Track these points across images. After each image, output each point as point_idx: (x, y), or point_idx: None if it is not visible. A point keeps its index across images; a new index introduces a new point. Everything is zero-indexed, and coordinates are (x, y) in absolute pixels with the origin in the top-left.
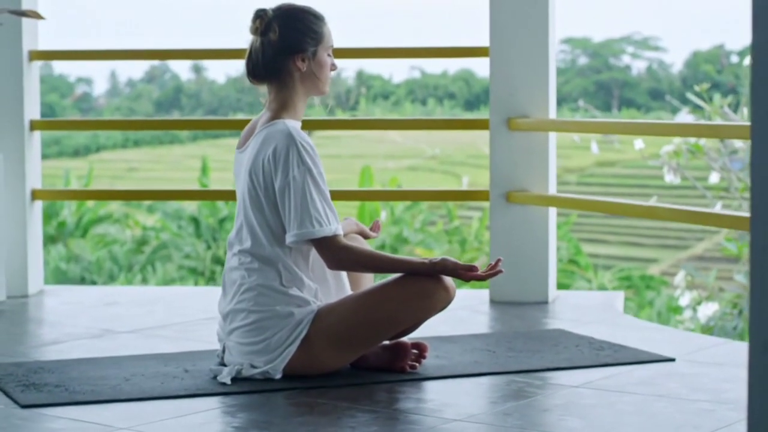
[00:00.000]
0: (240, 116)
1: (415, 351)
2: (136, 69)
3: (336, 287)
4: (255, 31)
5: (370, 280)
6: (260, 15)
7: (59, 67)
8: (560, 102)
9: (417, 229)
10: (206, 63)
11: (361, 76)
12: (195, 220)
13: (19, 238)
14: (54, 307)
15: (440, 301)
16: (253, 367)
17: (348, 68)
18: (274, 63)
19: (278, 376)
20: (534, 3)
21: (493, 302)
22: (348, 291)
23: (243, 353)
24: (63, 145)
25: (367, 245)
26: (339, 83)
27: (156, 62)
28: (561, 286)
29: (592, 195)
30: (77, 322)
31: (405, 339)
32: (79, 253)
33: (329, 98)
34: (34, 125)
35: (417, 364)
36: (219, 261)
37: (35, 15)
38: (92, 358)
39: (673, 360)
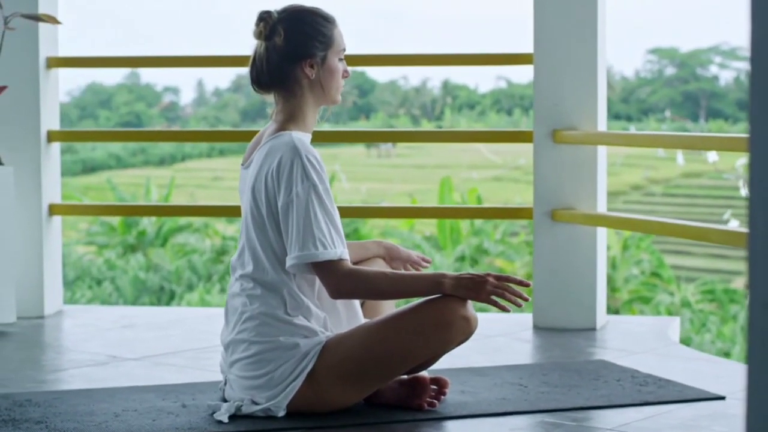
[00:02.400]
0: (325, 126)
1: (434, 387)
2: (223, 78)
3: (347, 316)
4: (259, 35)
5: (388, 308)
6: (264, 17)
7: (146, 76)
8: (647, 112)
9: (498, 241)
10: None
11: (446, 86)
12: None
13: (34, 256)
14: (67, 329)
15: (460, 332)
16: (254, 403)
17: (433, 78)
18: (280, 70)
19: (281, 413)
20: (582, 5)
21: (537, 328)
22: (361, 320)
23: (244, 388)
24: (148, 154)
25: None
26: (425, 93)
27: (243, 71)
28: (643, 299)
29: (677, 206)
30: (85, 347)
31: (424, 373)
32: (158, 262)
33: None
34: (51, 136)
35: (436, 402)
36: None
37: (51, 20)
38: (87, 389)
39: (722, 398)
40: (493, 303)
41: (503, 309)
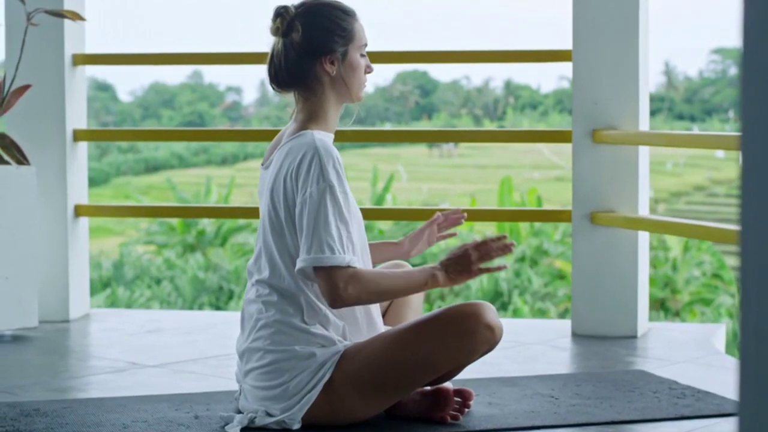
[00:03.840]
0: (387, 126)
1: (458, 399)
2: None
3: (367, 324)
4: (276, 31)
5: (411, 316)
6: (281, 13)
7: (209, 76)
8: (710, 113)
9: (557, 241)
10: None
11: (509, 86)
12: None
13: (59, 258)
14: (90, 334)
15: (484, 342)
16: (268, 415)
17: (496, 78)
18: (299, 67)
19: (296, 426)
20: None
21: (575, 336)
22: (381, 328)
23: (258, 399)
24: (211, 154)
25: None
26: (487, 93)
27: None
28: (704, 301)
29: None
30: (107, 352)
31: (448, 384)
32: (217, 262)
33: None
34: (77, 135)
35: (460, 414)
36: None
37: (75, 16)
38: (99, 398)
39: None
40: (486, 271)
41: (499, 269)
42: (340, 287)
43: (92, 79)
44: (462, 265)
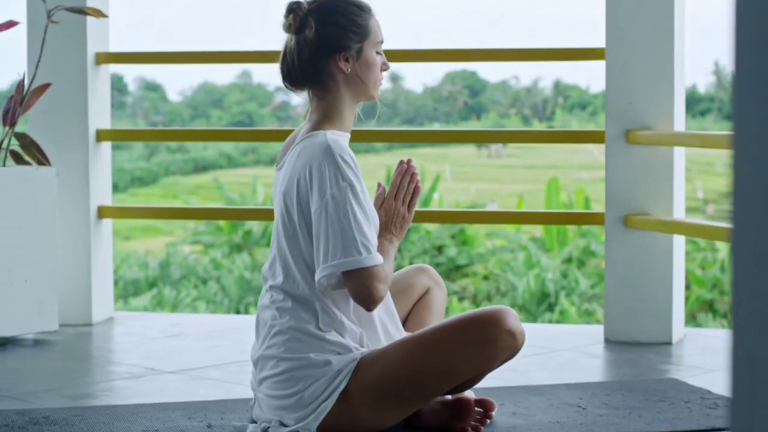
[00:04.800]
0: (436, 126)
1: (479, 409)
2: None
3: (384, 330)
4: (288, 28)
5: (435, 319)
6: (293, 9)
7: (258, 75)
8: None
9: (605, 242)
10: (404, 72)
11: (558, 86)
12: None
13: (82, 261)
14: (111, 338)
15: (504, 348)
16: (282, 425)
17: (545, 78)
18: (313, 65)
19: None
20: None
21: (608, 342)
22: (401, 333)
23: (272, 408)
24: (259, 154)
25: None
26: (536, 93)
27: None
28: None
29: None
30: (125, 357)
31: (470, 393)
32: (264, 262)
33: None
34: (101, 135)
35: (481, 426)
36: None
37: (97, 13)
38: (112, 406)
39: None
40: (410, 207)
41: (417, 191)
42: (376, 287)
43: (141, 79)
44: (396, 220)
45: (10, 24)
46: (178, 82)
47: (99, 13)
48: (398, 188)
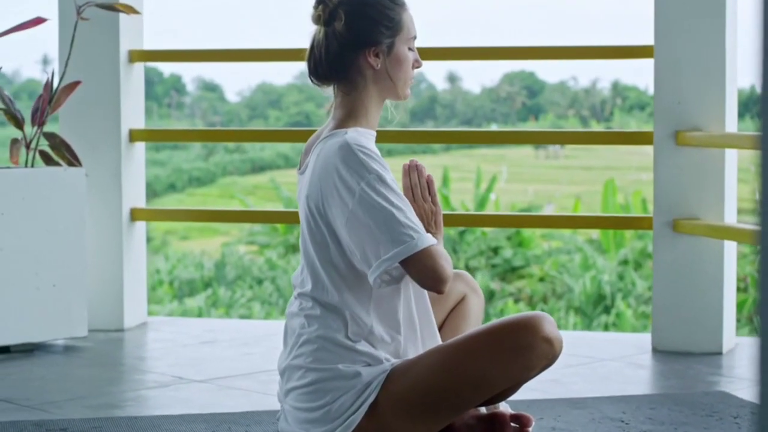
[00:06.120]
0: (494, 127)
1: (515, 424)
2: None
3: (422, 339)
4: (317, 19)
5: (472, 327)
6: (323, 0)
7: None
8: None
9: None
10: (462, 73)
11: (616, 87)
12: None
13: (114, 265)
14: (141, 345)
15: (541, 357)
16: None
17: (603, 79)
18: (341, 59)
19: None
20: None
21: (656, 351)
22: (436, 343)
23: (299, 420)
24: None
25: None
26: (594, 94)
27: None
28: None
29: None
30: (154, 365)
31: (506, 407)
32: None
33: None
34: (133, 135)
35: None
36: None
37: (129, 9)
38: (134, 417)
39: None
40: (433, 200)
41: (430, 182)
42: (441, 266)
43: (200, 79)
44: (428, 217)
45: (38, 21)
46: (237, 83)
47: (131, 10)
48: (411, 188)
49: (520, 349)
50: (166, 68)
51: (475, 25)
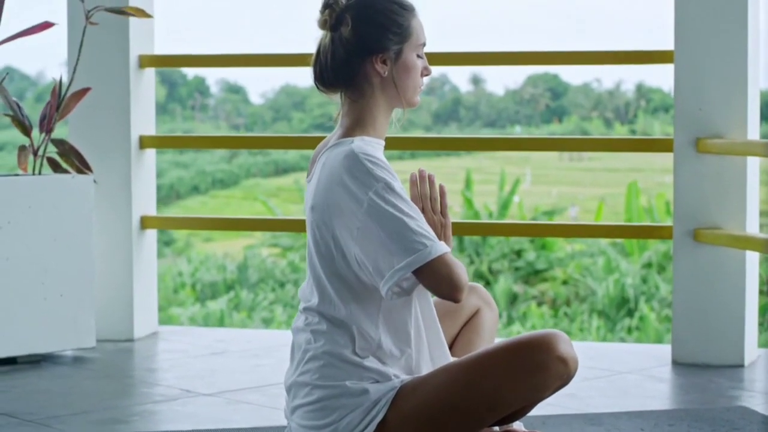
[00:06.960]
0: (517, 129)
1: None
2: None
3: (431, 356)
4: (324, 24)
5: (485, 344)
6: (330, 4)
7: None
8: None
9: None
10: (486, 75)
11: (640, 89)
12: None
13: (123, 273)
14: (150, 356)
15: (556, 377)
16: None
17: (627, 81)
18: (347, 65)
19: None
20: None
21: (676, 364)
22: (446, 359)
23: None
24: None
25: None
26: (618, 96)
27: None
28: None
29: None
30: (162, 378)
31: (520, 426)
32: None
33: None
34: (144, 142)
35: None
36: (481, 276)
37: (140, 13)
38: None
39: None
40: (443, 212)
41: (442, 193)
42: (456, 273)
43: (223, 81)
44: (437, 230)
45: (46, 25)
46: (260, 85)
47: (142, 13)
48: (421, 199)
49: (535, 369)
50: (190, 70)
51: (499, 23)
